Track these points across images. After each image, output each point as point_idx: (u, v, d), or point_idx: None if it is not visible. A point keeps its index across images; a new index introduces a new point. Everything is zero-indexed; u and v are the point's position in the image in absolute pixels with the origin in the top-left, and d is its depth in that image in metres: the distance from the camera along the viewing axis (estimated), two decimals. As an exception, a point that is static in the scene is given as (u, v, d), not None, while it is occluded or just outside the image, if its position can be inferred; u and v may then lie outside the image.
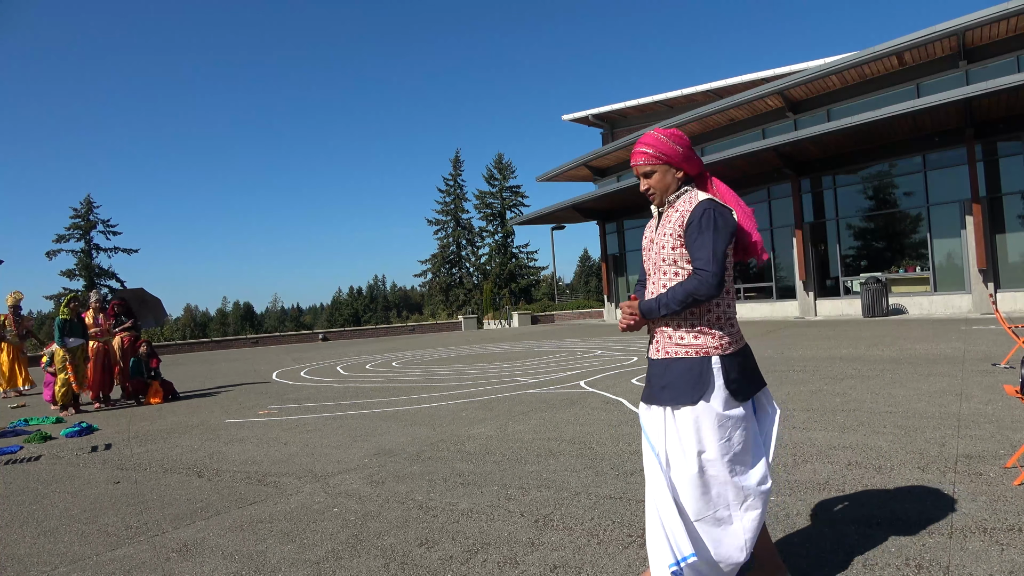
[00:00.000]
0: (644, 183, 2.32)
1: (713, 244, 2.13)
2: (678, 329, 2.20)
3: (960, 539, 2.60)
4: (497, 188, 54.72)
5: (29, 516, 3.83)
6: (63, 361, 8.50)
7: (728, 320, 2.23)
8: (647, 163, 2.29)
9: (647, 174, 2.30)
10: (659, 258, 2.26)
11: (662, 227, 2.27)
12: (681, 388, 2.15)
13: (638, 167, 2.31)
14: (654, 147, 2.29)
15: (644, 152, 2.29)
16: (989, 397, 5.36)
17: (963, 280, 16.48)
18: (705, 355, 2.16)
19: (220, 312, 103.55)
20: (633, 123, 27.92)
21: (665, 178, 2.30)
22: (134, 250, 51.98)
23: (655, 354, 2.25)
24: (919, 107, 14.55)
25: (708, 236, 2.14)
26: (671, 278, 2.22)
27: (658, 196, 2.31)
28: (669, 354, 2.20)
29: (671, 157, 2.29)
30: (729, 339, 2.20)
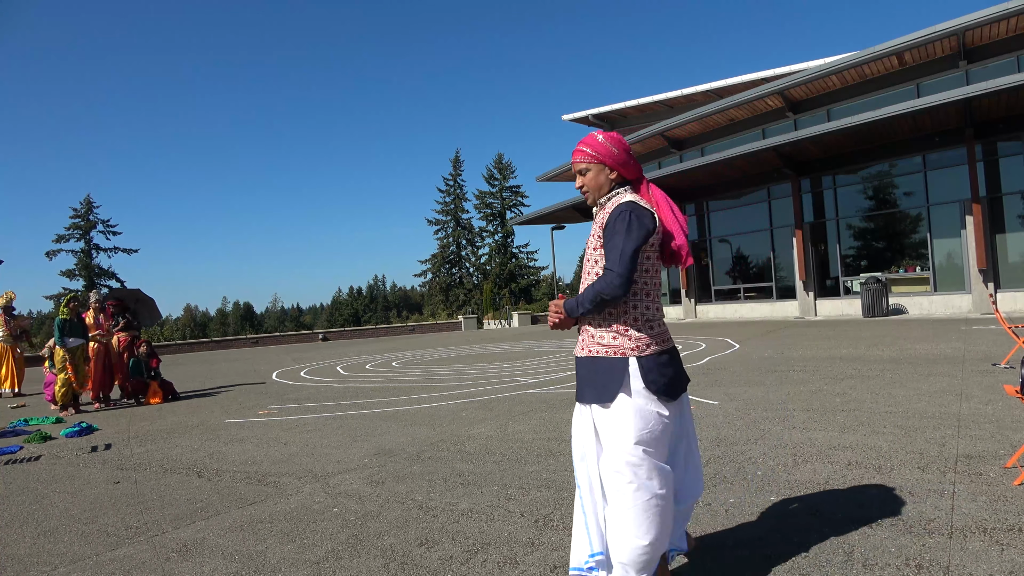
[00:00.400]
0: (579, 180, 2.39)
1: (623, 245, 2.17)
2: (599, 328, 2.27)
3: (960, 539, 2.60)
4: (497, 188, 54.74)
5: (29, 516, 3.83)
6: (63, 361, 8.50)
7: (647, 321, 2.27)
8: (583, 161, 2.37)
9: (582, 171, 2.38)
10: (588, 259, 2.34)
11: (592, 228, 2.35)
12: (600, 386, 2.22)
13: (575, 164, 2.39)
14: (591, 147, 2.35)
15: (582, 151, 2.37)
16: (989, 397, 5.36)
17: (963, 280, 16.48)
18: (622, 355, 2.22)
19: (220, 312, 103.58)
20: (633, 123, 27.90)
21: (598, 178, 2.35)
22: (134, 250, 52.04)
23: (579, 352, 2.33)
24: (919, 107, 14.55)
25: (619, 237, 2.19)
26: (593, 277, 2.29)
27: (591, 195, 2.38)
28: (591, 352, 2.27)
29: (605, 158, 2.34)
30: (648, 340, 2.24)
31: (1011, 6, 14.27)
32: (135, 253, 52.08)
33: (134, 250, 51.98)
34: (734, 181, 21.02)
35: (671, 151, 23.71)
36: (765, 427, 4.84)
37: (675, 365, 2.32)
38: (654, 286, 2.31)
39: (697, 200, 22.58)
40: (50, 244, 50.52)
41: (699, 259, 22.90)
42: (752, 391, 6.50)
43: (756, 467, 3.81)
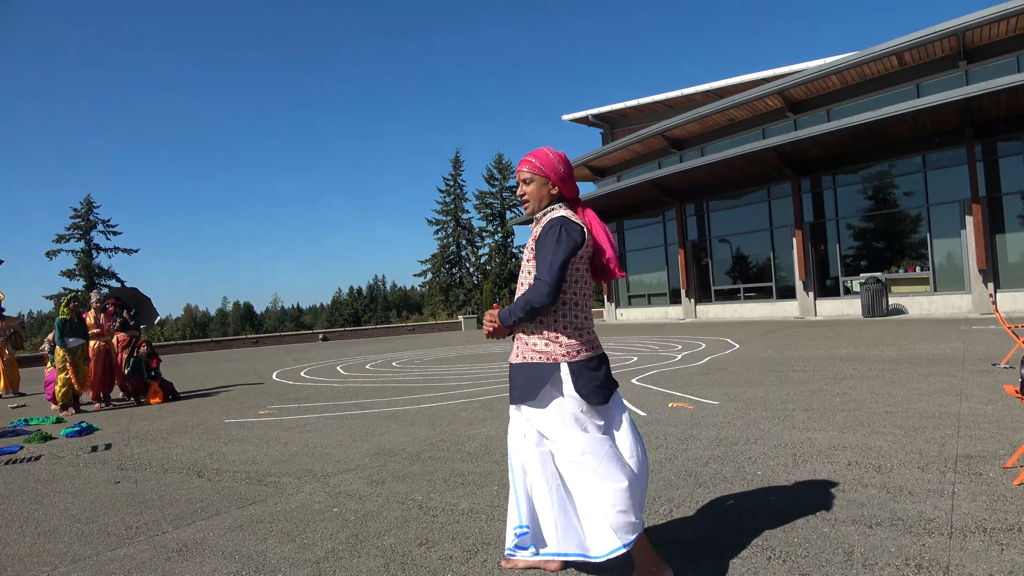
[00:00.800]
0: (522, 188, 2.50)
1: (552, 256, 2.29)
2: (531, 336, 2.39)
3: (960, 539, 2.60)
4: (497, 188, 54.72)
5: (29, 516, 3.83)
6: (63, 361, 8.50)
7: (577, 329, 2.40)
8: (529, 171, 2.47)
9: (527, 180, 2.48)
10: (521, 269, 2.47)
11: (528, 241, 2.47)
12: (532, 391, 2.34)
13: (520, 173, 2.50)
14: (539, 159, 2.47)
15: (530, 162, 2.48)
16: (989, 397, 5.36)
17: (963, 280, 16.49)
18: (554, 361, 2.35)
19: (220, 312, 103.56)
20: (633, 123, 27.91)
21: (540, 190, 2.46)
22: (134, 250, 51.98)
23: (513, 359, 2.44)
24: (919, 107, 14.56)
25: (549, 249, 2.31)
26: (525, 287, 2.41)
27: (531, 204, 2.50)
28: (525, 359, 2.39)
29: (550, 172, 2.46)
30: (579, 346, 2.38)
31: (1011, 6, 14.27)
32: (135, 253, 52.05)
33: (134, 250, 51.94)
34: (734, 181, 21.02)
35: (671, 151, 23.71)
36: (765, 427, 4.84)
37: (604, 370, 2.45)
38: (584, 296, 2.44)
39: (697, 200, 22.59)
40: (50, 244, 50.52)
41: (699, 259, 22.91)
42: (752, 391, 6.50)
43: (756, 467, 3.81)
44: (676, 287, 23.49)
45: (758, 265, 21.35)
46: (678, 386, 7.15)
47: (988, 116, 15.47)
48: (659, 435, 4.80)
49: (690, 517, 3.05)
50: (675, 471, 3.84)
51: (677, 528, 2.93)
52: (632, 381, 7.79)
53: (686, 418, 5.38)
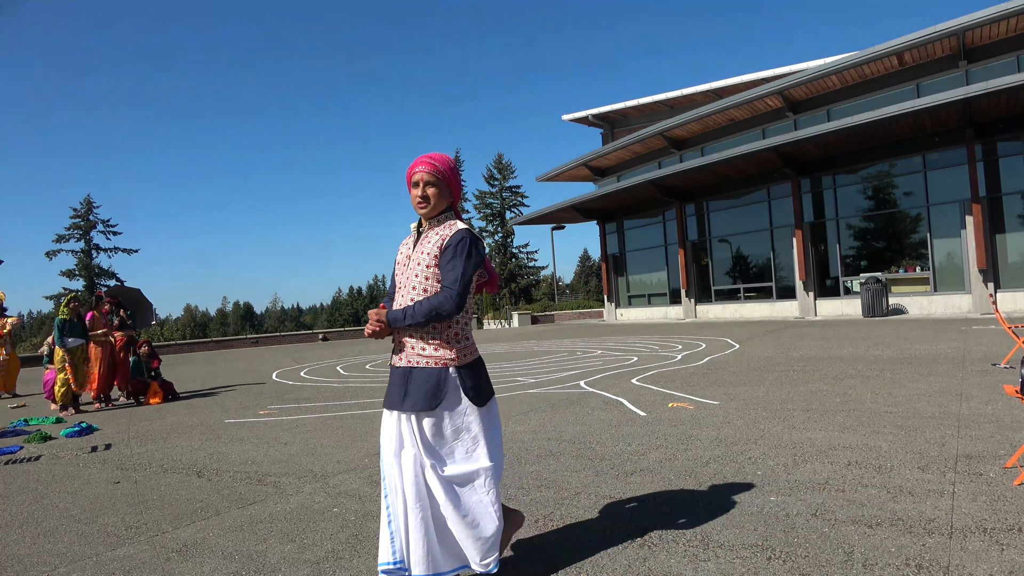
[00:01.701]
0: (425, 190, 2.45)
1: (463, 268, 2.37)
2: (420, 341, 2.41)
3: (960, 539, 2.60)
4: (497, 188, 54.71)
5: (29, 516, 3.83)
6: (62, 361, 8.50)
7: (464, 335, 2.48)
8: (433, 175, 2.46)
9: (429, 183, 2.45)
10: (413, 274, 2.43)
11: (421, 245, 2.46)
12: (421, 396, 2.36)
13: (424, 174, 2.45)
14: (444, 165, 2.48)
15: (434, 164, 2.47)
16: (989, 397, 5.36)
17: (963, 280, 16.49)
18: (443, 365, 2.39)
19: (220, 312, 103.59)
20: (633, 123, 27.92)
21: (441, 197, 2.48)
22: (134, 250, 52.02)
23: (398, 363, 2.44)
24: (919, 107, 14.55)
25: (461, 260, 2.38)
26: (420, 293, 2.40)
27: (430, 209, 2.47)
28: (411, 363, 2.41)
29: (451, 181, 2.51)
30: (465, 352, 2.45)
31: (1011, 6, 14.27)
32: (135, 253, 52.09)
33: (134, 250, 51.98)
34: (734, 181, 21.03)
35: (671, 151, 23.71)
36: (765, 427, 4.84)
37: (485, 373, 2.55)
38: (469, 305, 2.52)
39: (697, 200, 22.59)
40: (50, 244, 50.58)
41: (699, 259, 22.92)
42: (752, 391, 6.50)
43: (756, 467, 3.81)
44: (676, 287, 23.49)
45: (758, 265, 21.35)
46: (678, 386, 7.15)
47: (988, 116, 15.47)
48: (659, 435, 4.80)
49: (690, 517, 3.05)
50: (675, 471, 3.84)
51: (677, 528, 2.93)
52: (632, 381, 7.79)
53: (686, 418, 5.38)
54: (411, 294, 2.41)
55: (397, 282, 2.50)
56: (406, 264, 2.48)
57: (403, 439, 2.40)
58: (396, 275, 2.52)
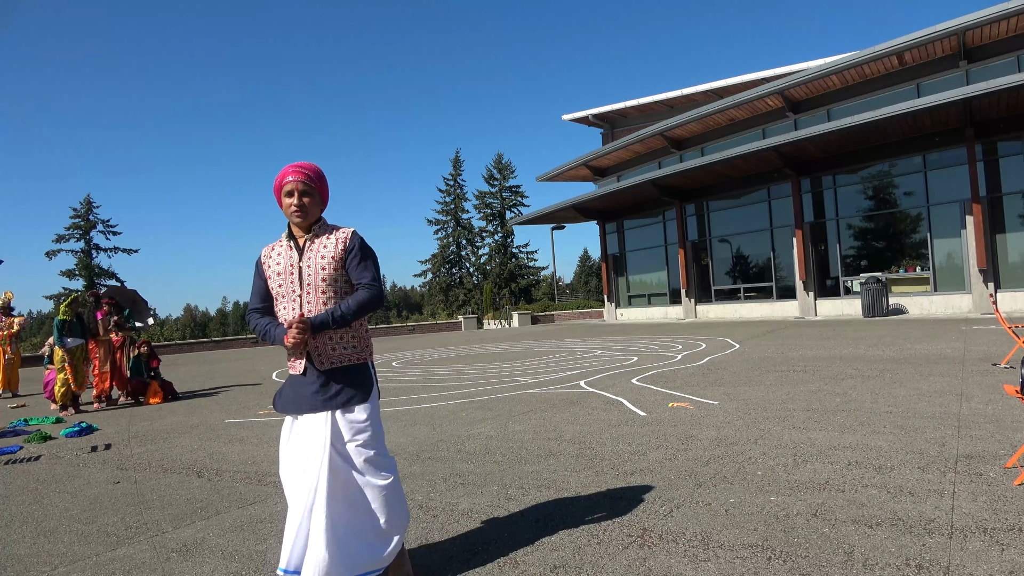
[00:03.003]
0: (299, 199, 2.47)
1: (375, 266, 2.55)
2: (341, 340, 2.48)
3: (960, 539, 2.60)
4: (497, 188, 54.71)
5: (29, 516, 3.83)
6: (62, 361, 8.50)
7: (369, 332, 2.64)
8: (308, 184, 2.48)
9: (304, 193, 2.48)
10: (316, 279, 2.46)
11: (313, 253, 2.48)
12: (353, 390, 2.44)
13: (299, 183, 2.46)
14: (316, 175, 2.52)
15: (308, 175, 2.49)
16: (989, 397, 5.36)
17: (963, 280, 16.48)
18: (365, 361, 2.54)
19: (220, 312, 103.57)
20: (633, 123, 27.92)
21: (315, 205, 2.52)
22: (134, 250, 51.95)
23: (320, 366, 2.44)
24: (919, 107, 14.55)
25: (372, 260, 2.54)
26: (331, 297, 2.46)
27: (306, 219, 2.49)
28: (335, 364, 2.46)
29: (323, 191, 2.56)
30: (371, 347, 2.62)
31: (1011, 6, 14.27)
32: (135, 253, 52.04)
33: (134, 250, 51.91)
34: (734, 181, 21.03)
35: (671, 151, 23.71)
36: (765, 427, 4.84)
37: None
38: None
39: (697, 200, 22.59)
40: (50, 244, 50.46)
41: (699, 259, 22.91)
42: (752, 391, 6.50)
43: (756, 467, 3.81)
44: (676, 287, 23.49)
45: (758, 265, 21.35)
46: (678, 386, 7.15)
47: (988, 116, 15.47)
48: (659, 435, 4.80)
49: (690, 517, 3.05)
50: (675, 471, 3.83)
51: (677, 528, 2.92)
52: (632, 381, 7.79)
53: (686, 418, 5.37)
54: (322, 298, 2.45)
55: (278, 292, 2.49)
56: (292, 273, 2.47)
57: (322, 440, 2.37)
58: (275, 286, 2.50)
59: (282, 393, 2.53)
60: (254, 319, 2.57)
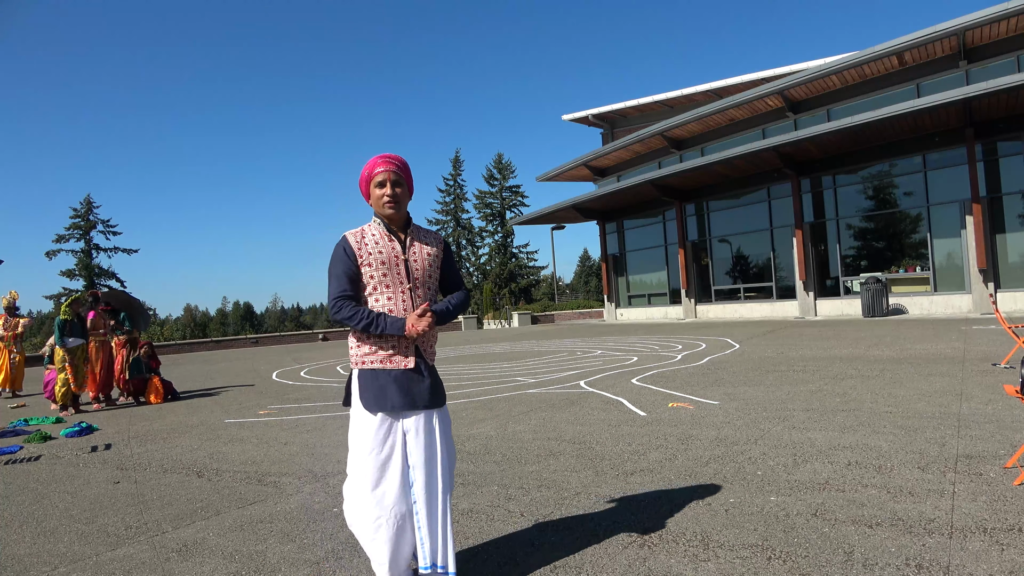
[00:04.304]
0: (392, 189, 2.44)
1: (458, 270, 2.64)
2: (434, 339, 2.55)
3: (960, 539, 2.60)
4: (497, 188, 54.71)
5: (29, 516, 3.83)
6: (62, 361, 8.50)
7: None
8: (399, 173, 2.47)
9: (397, 183, 2.46)
10: (423, 275, 2.48)
11: (417, 248, 2.50)
12: (443, 390, 2.53)
13: (391, 172, 2.44)
14: (404, 164, 2.50)
15: (396, 163, 2.47)
16: (989, 397, 5.36)
17: (963, 280, 16.49)
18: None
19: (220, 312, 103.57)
20: (633, 123, 27.93)
21: (405, 194, 2.50)
22: (134, 250, 51.97)
23: (431, 361, 2.51)
24: (919, 107, 14.55)
25: (455, 263, 2.63)
26: (430, 293, 2.51)
27: (399, 207, 2.46)
28: (432, 362, 2.53)
29: (410, 181, 2.54)
30: None
31: (1011, 6, 14.27)
32: (135, 253, 52.06)
33: (134, 250, 51.92)
34: (734, 181, 21.03)
35: (671, 151, 23.71)
36: (765, 427, 4.84)
37: None
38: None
39: (697, 200, 22.59)
40: (50, 244, 50.51)
41: (699, 259, 22.92)
42: (752, 391, 6.50)
43: (756, 467, 3.81)
44: (676, 287, 23.49)
45: (758, 265, 21.35)
46: (678, 386, 7.15)
47: (988, 116, 15.47)
48: (659, 435, 4.80)
49: (690, 517, 3.05)
50: (675, 471, 3.84)
51: (677, 528, 2.93)
52: (632, 381, 7.79)
53: (686, 418, 5.38)
54: (427, 294, 2.48)
55: (380, 282, 2.40)
56: (397, 265, 2.43)
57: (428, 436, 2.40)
58: (376, 275, 2.40)
59: (384, 390, 2.38)
60: (348, 306, 2.36)
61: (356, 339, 2.45)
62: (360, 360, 2.43)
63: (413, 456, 2.38)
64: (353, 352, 2.46)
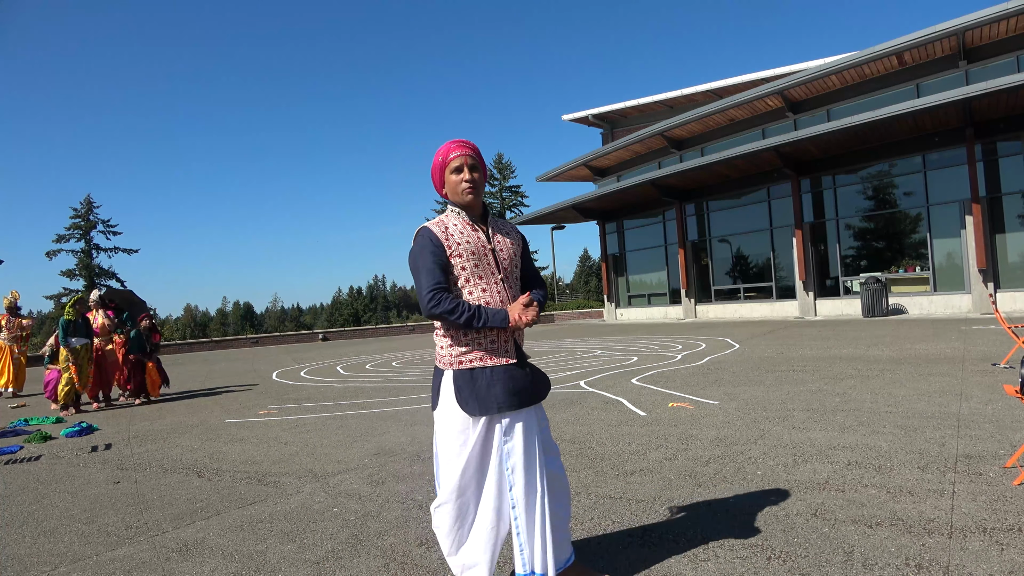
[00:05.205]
0: (471, 174, 2.30)
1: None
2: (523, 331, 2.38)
3: (960, 539, 2.60)
4: (497, 188, 54.73)
5: (29, 516, 3.83)
6: (66, 360, 8.51)
7: None
8: (475, 158, 2.33)
9: (474, 167, 2.32)
10: (510, 265, 2.36)
11: (501, 238, 2.37)
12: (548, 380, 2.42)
13: (468, 156, 2.30)
14: (477, 149, 2.36)
15: (472, 148, 2.33)
16: (989, 397, 5.36)
17: (963, 280, 16.48)
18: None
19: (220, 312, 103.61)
20: (633, 123, 27.92)
21: (483, 180, 2.36)
22: (134, 250, 51.98)
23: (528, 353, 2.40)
24: (919, 107, 14.55)
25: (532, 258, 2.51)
26: (517, 284, 2.39)
27: (478, 193, 2.33)
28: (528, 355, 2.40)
29: (484, 167, 2.41)
30: None
31: (1011, 6, 14.27)
32: (135, 253, 52.06)
33: (134, 250, 51.93)
34: (734, 181, 21.02)
35: (671, 151, 23.71)
36: (765, 427, 4.84)
37: None
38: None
39: (697, 200, 22.59)
40: (50, 244, 50.52)
41: (699, 259, 22.91)
42: (752, 391, 6.50)
43: (756, 467, 3.81)
44: (676, 287, 23.48)
45: (758, 265, 21.35)
46: (678, 386, 7.15)
47: (988, 116, 15.46)
48: (659, 435, 4.80)
49: (690, 517, 3.05)
50: (675, 471, 3.84)
51: (677, 528, 2.93)
52: (632, 381, 7.79)
53: (686, 418, 5.38)
54: (515, 285, 2.36)
55: (472, 273, 2.26)
56: (486, 255, 2.28)
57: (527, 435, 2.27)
58: (467, 266, 2.25)
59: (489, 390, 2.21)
60: (447, 298, 2.18)
61: (448, 337, 2.27)
62: (456, 360, 2.25)
63: (513, 458, 2.23)
64: (445, 351, 2.28)
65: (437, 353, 2.34)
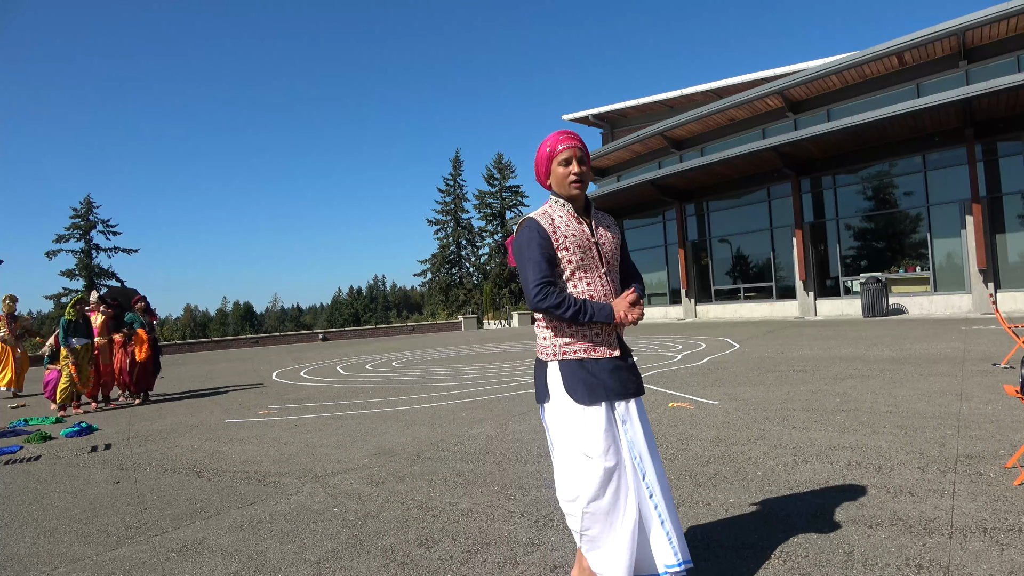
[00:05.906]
0: (578, 167, 2.27)
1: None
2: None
3: (960, 539, 2.60)
4: (497, 188, 54.68)
5: (29, 516, 3.82)
6: (65, 359, 8.50)
7: None
8: (583, 151, 2.30)
9: (582, 160, 2.29)
10: (612, 259, 2.34)
11: (603, 231, 2.34)
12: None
13: (576, 149, 2.27)
14: (583, 141, 2.32)
15: (579, 140, 2.30)
16: (989, 397, 5.36)
17: (963, 280, 16.48)
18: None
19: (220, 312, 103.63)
20: (633, 123, 27.93)
21: (589, 174, 2.33)
22: (134, 250, 51.94)
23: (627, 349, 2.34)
24: (919, 107, 14.55)
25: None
26: (618, 277, 2.36)
27: (584, 186, 2.31)
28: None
29: (589, 160, 2.37)
30: None
31: (1011, 6, 14.28)
32: (135, 253, 52.03)
33: (134, 250, 51.88)
34: (734, 181, 21.02)
35: (671, 151, 23.71)
36: (765, 427, 4.84)
37: None
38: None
39: (697, 200, 22.59)
40: (50, 244, 50.46)
41: (699, 259, 22.91)
42: (752, 391, 6.50)
43: (756, 467, 3.81)
44: (676, 287, 23.49)
45: (758, 265, 21.35)
46: (678, 386, 7.15)
47: (988, 116, 15.46)
48: (659, 435, 4.80)
49: (690, 517, 3.05)
50: (675, 471, 3.83)
51: (677, 528, 2.92)
52: (632, 381, 7.78)
53: (686, 418, 5.37)
54: (616, 278, 2.33)
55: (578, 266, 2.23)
56: (591, 248, 2.26)
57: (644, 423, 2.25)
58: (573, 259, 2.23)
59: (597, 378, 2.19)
60: (553, 292, 2.16)
61: (551, 328, 2.25)
62: (560, 351, 2.22)
63: (637, 446, 2.20)
64: (548, 343, 2.26)
65: (539, 345, 2.31)
